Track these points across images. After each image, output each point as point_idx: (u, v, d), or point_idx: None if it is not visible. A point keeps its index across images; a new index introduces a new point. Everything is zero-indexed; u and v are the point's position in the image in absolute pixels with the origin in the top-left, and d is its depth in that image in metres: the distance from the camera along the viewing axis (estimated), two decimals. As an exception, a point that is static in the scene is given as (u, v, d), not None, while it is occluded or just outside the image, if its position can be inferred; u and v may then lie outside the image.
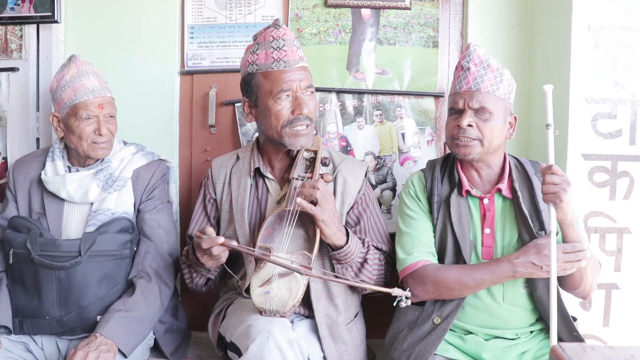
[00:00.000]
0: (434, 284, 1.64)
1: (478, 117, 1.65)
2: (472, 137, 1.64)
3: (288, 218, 1.66)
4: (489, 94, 1.65)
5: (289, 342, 1.52)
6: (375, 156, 2.25)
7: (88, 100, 1.82)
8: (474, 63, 1.67)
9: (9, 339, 1.73)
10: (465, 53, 1.71)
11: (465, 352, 1.68)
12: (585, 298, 1.72)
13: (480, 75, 1.66)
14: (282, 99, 1.70)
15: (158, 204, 1.94)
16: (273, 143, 1.77)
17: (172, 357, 1.89)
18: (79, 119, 1.81)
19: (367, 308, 1.94)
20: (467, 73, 1.67)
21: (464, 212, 1.70)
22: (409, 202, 1.79)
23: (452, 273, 1.63)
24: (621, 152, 1.92)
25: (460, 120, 1.65)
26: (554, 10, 2.03)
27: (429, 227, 1.75)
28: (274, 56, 1.69)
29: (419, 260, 1.68)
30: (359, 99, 2.26)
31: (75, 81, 1.82)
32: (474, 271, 1.62)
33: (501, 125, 1.67)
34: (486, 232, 1.70)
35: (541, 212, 1.66)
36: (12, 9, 2.17)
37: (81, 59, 1.88)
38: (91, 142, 1.83)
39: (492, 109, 1.65)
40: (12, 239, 1.77)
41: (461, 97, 1.67)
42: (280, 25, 1.73)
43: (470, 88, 1.66)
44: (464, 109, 1.66)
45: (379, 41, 2.25)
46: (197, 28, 2.28)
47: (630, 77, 1.91)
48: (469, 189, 1.71)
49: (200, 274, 1.81)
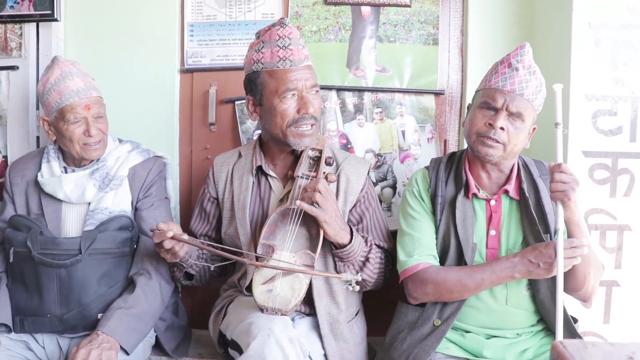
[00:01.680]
0: (434, 286, 1.64)
1: (510, 121, 1.60)
2: (500, 141, 1.60)
3: (292, 217, 1.66)
4: (529, 102, 1.61)
5: (290, 339, 1.52)
6: (376, 154, 2.25)
7: (74, 103, 1.78)
8: (523, 65, 1.61)
9: (10, 338, 1.73)
10: (518, 52, 1.63)
11: (466, 350, 1.68)
12: (586, 301, 1.70)
13: (527, 80, 1.60)
14: (288, 98, 1.69)
15: (155, 201, 1.93)
16: (277, 142, 1.77)
17: (173, 354, 1.90)
18: (67, 122, 1.78)
19: (368, 306, 1.94)
20: (514, 73, 1.61)
21: (468, 215, 1.68)
22: (412, 201, 1.77)
23: (452, 275, 1.62)
24: (621, 149, 1.92)
25: (495, 121, 1.59)
26: (555, 8, 2.03)
27: (431, 228, 1.73)
28: (279, 55, 1.69)
29: (420, 262, 1.67)
30: (359, 97, 2.25)
31: (59, 84, 1.78)
32: (474, 272, 1.61)
33: (525, 135, 1.64)
34: (491, 234, 1.68)
35: (547, 214, 1.64)
36: (12, 7, 2.17)
37: (64, 60, 1.83)
38: (83, 144, 1.81)
39: (526, 118, 1.61)
40: (12, 237, 1.77)
41: (502, 95, 1.60)
42: (286, 24, 1.72)
43: (514, 90, 1.60)
44: (501, 109, 1.60)
45: (379, 39, 2.25)
46: (197, 26, 2.28)
47: (631, 75, 1.91)
48: (476, 192, 1.69)
49: (178, 268, 1.82)
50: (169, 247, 1.61)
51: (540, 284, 1.63)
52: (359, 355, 1.78)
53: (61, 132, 1.81)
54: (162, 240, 1.59)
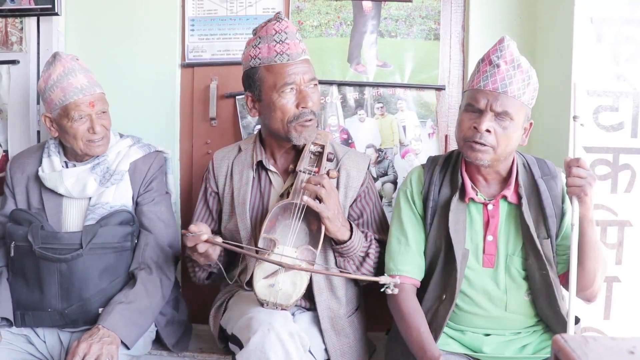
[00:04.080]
0: (395, 312, 1.65)
1: (498, 122, 1.53)
2: (487, 144, 1.53)
3: (294, 211, 1.66)
4: (515, 98, 1.52)
5: (290, 334, 1.52)
6: (377, 149, 2.25)
7: (78, 100, 1.77)
8: (504, 60, 1.53)
9: (11, 332, 1.73)
10: (497, 47, 1.55)
11: (465, 346, 1.67)
12: (590, 300, 1.66)
13: (510, 76, 1.52)
14: (287, 92, 1.69)
15: (156, 196, 1.93)
16: (277, 137, 1.77)
17: (174, 349, 1.90)
18: (71, 119, 1.78)
19: (368, 301, 1.94)
20: (495, 70, 1.53)
21: (460, 219, 1.63)
22: (403, 205, 1.73)
23: (408, 315, 1.60)
24: (623, 145, 1.91)
25: (480, 124, 1.52)
26: (557, 3, 2.03)
27: (420, 235, 1.69)
28: (276, 49, 1.68)
29: (401, 274, 1.64)
30: (360, 92, 2.25)
31: (62, 80, 1.77)
32: (419, 335, 1.55)
33: (518, 133, 1.56)
34: (488, 240, 1.63)
35: (548, 218, 1.60)
36: (13, 1, 2.16)
37: (65, 56, 1.81)
38: (87, 141, 1.81)
39: (514, 116, 1.53)
40: (13, 232, 1.77)
41: (484, 96, 1.53)
42: (282, 18, 1.72)
43: (496, 89, 1.52)
44: (485, 111, 1.53)
45: (380, 34, 2.24)
46: (197, 20, 2.27)
47: (633, 70, 1.91)
48: (473, 196, 1.63)
49: (202, 269, 1.82)
50: (203, 250, 1.59)
51: (539, 291, 1.61)
52: (360, 350, 1.78)
53: (65, 129, 1.80)
54: (196, 243, 1.57)
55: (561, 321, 1.60)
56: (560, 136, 1.95)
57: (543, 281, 1.60)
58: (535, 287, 1.61)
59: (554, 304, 1.60)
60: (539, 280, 1.60)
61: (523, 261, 1.63)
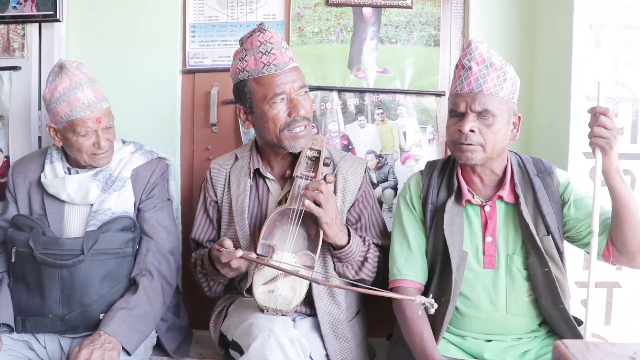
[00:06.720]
0: (397, 312, 1.66)
1: (481, 121, 1.56)
2: (474, 143, 1.56)
3: (292, 217, 1.66)
4: (492, 95, 1.55)
5: (291, 339, 1.52)
6: (377, 155, 2.25)
7: (85, 117, 1.76)
8: (475, 62, 1.57)
9: (12, 338, 1.73)
10: (466, 51, 1.60)
11: (466, 352, 1.67)
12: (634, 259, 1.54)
13: (483, 75, 1.56)
14: (277, 102, 1.69)
15: (158, 203, 1.93)
16: (272, 146, 1.77)
17: (174, 355, 1.90)
18: (77, 134, 1.77)
19: (368, 306, 1.94)
20: (468, 73, 1.57)
21: (456, 221, 1.64)
22: (404, 210, 1.74)
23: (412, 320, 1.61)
24: (622, 151, 1.91)
25: (462, 125, 1.56)
26: (556, 9, 2.03)
27: (422, 239, 1.71)
28: (263, 61, 1.68)
29: (405, 278, 1.67)
30: (360, 98, 2.26)
31: (69, 94, 1.75)
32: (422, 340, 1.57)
33: (505, 128, 1.58)
34: (487, 241, 1.64)
35: (545, 215, 1.60)
36: (15, 8, 2.17)
37: (72, 68, 1.77)
38: (91, 154, 1.81)
39: (496, 112, 1.55)
40: (14, 237, 1.77)
41: (462, 99, 1.57)
42: (265, 29, 1.71)
43: (472, 90, 1.56)
44: (466, 112, 1.56)
45: (381, 40, 2.25)
46: (198, 27, 2.28)
47: (632, 76, 1.91)
48: (470, 199, 1.64)
49: (218, 282, 1.83)
50: (237, 265, 1.61)
51: (541, 289, 1.61)
52: (360, 354, 1.78)
53: (70, 143, 1.80)
54: (230, 259, 1.58)
55: (565, 320, 1.60)
56: (559, 141, 1.96)
57: (545, 279, 1.60)
58: (538, 285, 1.61)
59: (558, 302, 1.59)
60: (541, 278, 1.60)
61: (524, 260, 1.63)
